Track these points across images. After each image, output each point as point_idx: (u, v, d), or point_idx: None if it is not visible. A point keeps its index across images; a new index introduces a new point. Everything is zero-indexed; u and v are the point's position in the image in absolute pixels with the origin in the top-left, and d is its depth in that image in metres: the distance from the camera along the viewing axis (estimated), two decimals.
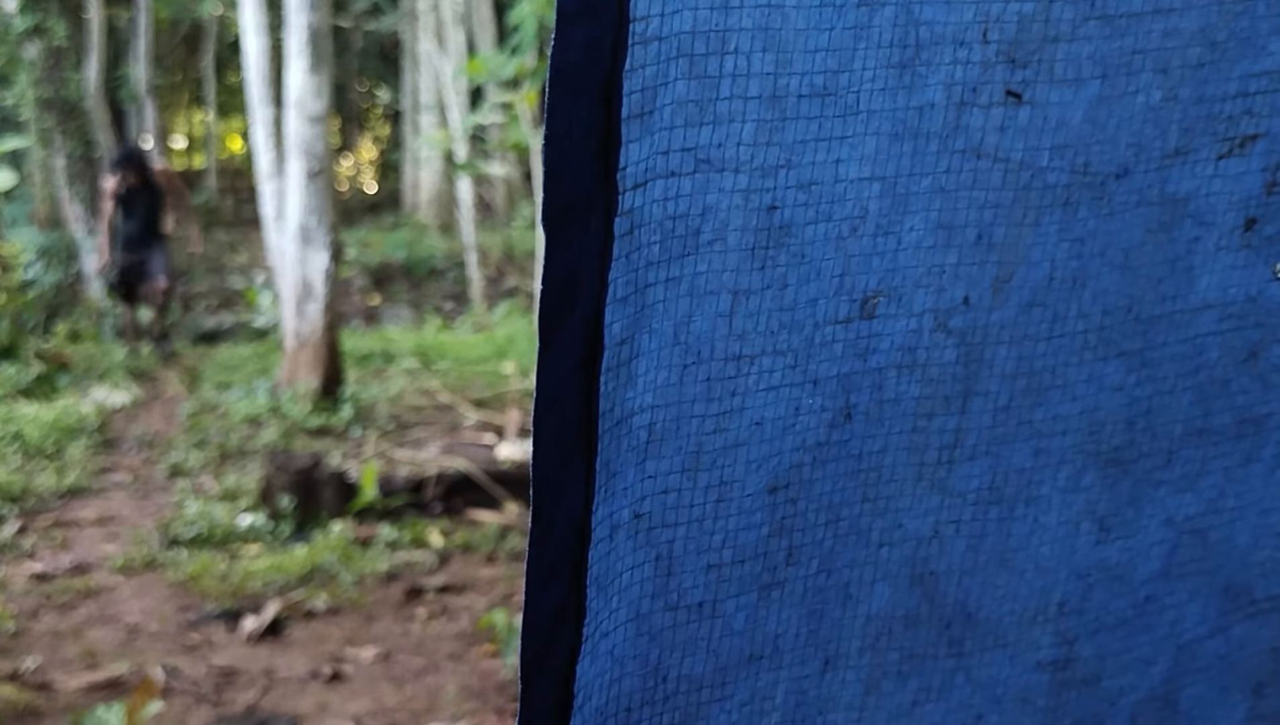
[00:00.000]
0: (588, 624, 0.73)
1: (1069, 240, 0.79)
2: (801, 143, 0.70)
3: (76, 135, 11.25)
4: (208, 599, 4.55)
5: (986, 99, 0.74)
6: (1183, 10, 0.76)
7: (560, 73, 0.62)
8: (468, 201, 12.15)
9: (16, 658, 3.99)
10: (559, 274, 0.65)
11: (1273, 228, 0.85)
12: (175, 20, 18.79)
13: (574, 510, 0.70)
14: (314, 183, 7.21)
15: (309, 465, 5.37)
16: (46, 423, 6.66)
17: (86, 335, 9.36)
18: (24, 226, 10.99)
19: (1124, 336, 0.84)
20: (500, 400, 7.64)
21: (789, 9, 0.67)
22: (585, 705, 0.75)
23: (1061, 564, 0.90)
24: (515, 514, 5.39)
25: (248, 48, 8.91)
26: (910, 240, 0.75)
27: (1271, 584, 0.99)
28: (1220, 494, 0.94)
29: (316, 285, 7.31)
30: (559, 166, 0.64)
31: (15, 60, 10.89)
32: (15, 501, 5.60)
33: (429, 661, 4.06)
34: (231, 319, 10.86)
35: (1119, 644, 0.95)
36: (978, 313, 0.79)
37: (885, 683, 0.88)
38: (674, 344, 0.71)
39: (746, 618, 0.80)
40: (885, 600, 0.85)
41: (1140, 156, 0.79)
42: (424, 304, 12.32)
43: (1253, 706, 1.04)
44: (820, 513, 0.80)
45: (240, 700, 3.76)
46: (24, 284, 9.68)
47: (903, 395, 0.80)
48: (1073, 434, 0.86)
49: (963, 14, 0.71)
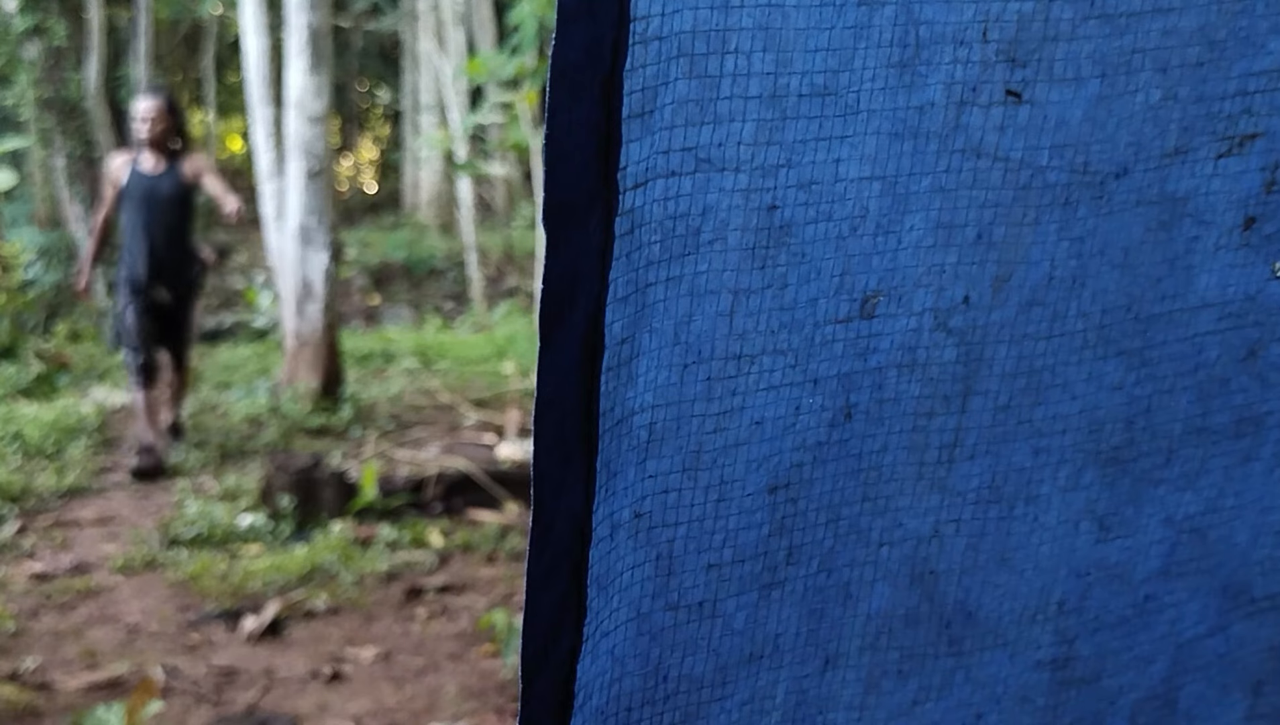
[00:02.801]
0: (588, 623, 0.73)
1: (1068, 239, 0.79)
2: (802, 142, 0.70)
3: (76, 135, 11.25)
4: (208, 599, 4.55)
5: (986, 98, 0.74)
6: (1182, 9, 0.76)
7: (561, 72, 0.62)
8: (468, 201, 12.14)
9: (16, 658, 3.99)
10: (559, 273, 0.65)
11: (1272, 226, 0.86)
12: (175, 20, 18.77)
13: (574, 509, 0.70)
14: (314, 183, 7.21)
15: (309, 465, 5.37)
16: (46, 423, 6.66)
17: (86, 335, 9.36)
18: (24, 226, 10.98)
19: (1123, 335, 0.84)
20: (500, 400, 7.64)
21: (789, 8, 0.67)
22: (586, 704, 0.75)
23: (1061, 563, 0.90)
24: (515, 514, 5.39)
25: (248, 48, 8.92)
26: (910, 239, 0.75)
27: (1271, 582, 1.00)
28: (1219, 493, 0.94)
29: (316, 285, 7.31)
30: (559, 166, 0.64)
31: (15, 60, 10.89)
32: (15, 501, 5.60)
33: (429, 661, 4.06)
34: (231, 319, 10.86)
35: (1118, 643, 0.95)
36: (978, 312, 0.79)
37: (885, 682, 0.88)
38: (674, 343, 0.71)
39: (747, 617, 0.80)
40: (885, 599, 0.86)
41: (1140, 155, 0.79)
42: (424, 304, 12.32)
43: (1252, 705, 1.04)
44: (820, 512, 0.81)
45: (240, 700, 3.76)
46: (24, 284, 9.69)
47: (903, 394, 0.80)
48: (1072, 433, 0.86)
49: (963, 13, 0.71)
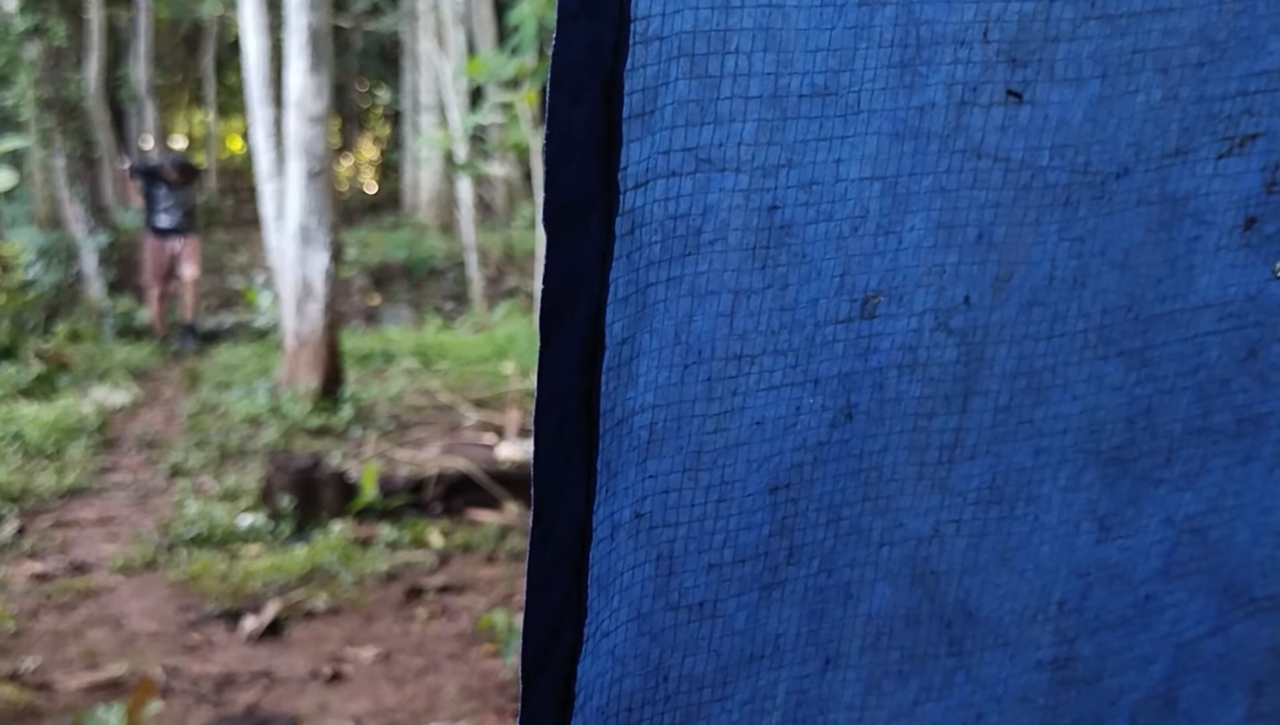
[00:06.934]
0: (589, 623, 0.73)
1: (1069, 239, 0.79)
2: (802, 142, 0.70)
3: (76, 135, 11.25)
4: (208, 599, 4.55)
5: (987, 98, 0.74)
6: (1182, 9, 0.76)
7: (561, 72, 0.62)
8: (468, 201, 12.14)
9: (16, 658, 3.99)
10: (560, 273, 0.65)
11: (1272, 226, 0.86)
12: (175, 20, 18.78)
13: (575, 510, 0.70)
14: (314, 183, 7.21)
15: (309, 465, 5.37)
16: (46, 423, 6.66)
17: (86, 335, 9.36)
18: (24, 226, 10.98)
19: (1124, 335, 0.84)
20: (500, 400, 7.64)
21: (790, 8, 0.67)
22: (586, 705, 0.75)
23: (1061, 563, 0.90)
24: (515, 514, 5.39)
25: (248, 48, 8.91)
26: (911, 240, 0.75)
27: (1271, 583, 0.99)
28: (1220, 493, 0.94)
29: (316, 285, 7.31)
30: (560, 166, 0.64)
31: (15, 60, 10.89)
32: (15, 501, 5.60)
33: (429, 661, 4.06)
34: (231, 319, 10.86)
35: (1119, 643, 0.95)
36: (978, 312, 0.79)
37: (886, 682, 0.88)
38: (675, 343, 0.71)
39: (747, 617, 0.80)
40: (886, 599, 0.85)
41: (1140, 156, 0.79)
42: (424, 304, 12.31)
43: (1252, 705, 1.04)
44: (821, 512, 0.80)
45: (240, 700, 3.76)
46: (24, 284, 9.68)
47: (903, 395, 0.80)
48: (1073, 433, 0.86)
49: (963, 13, 0.71)
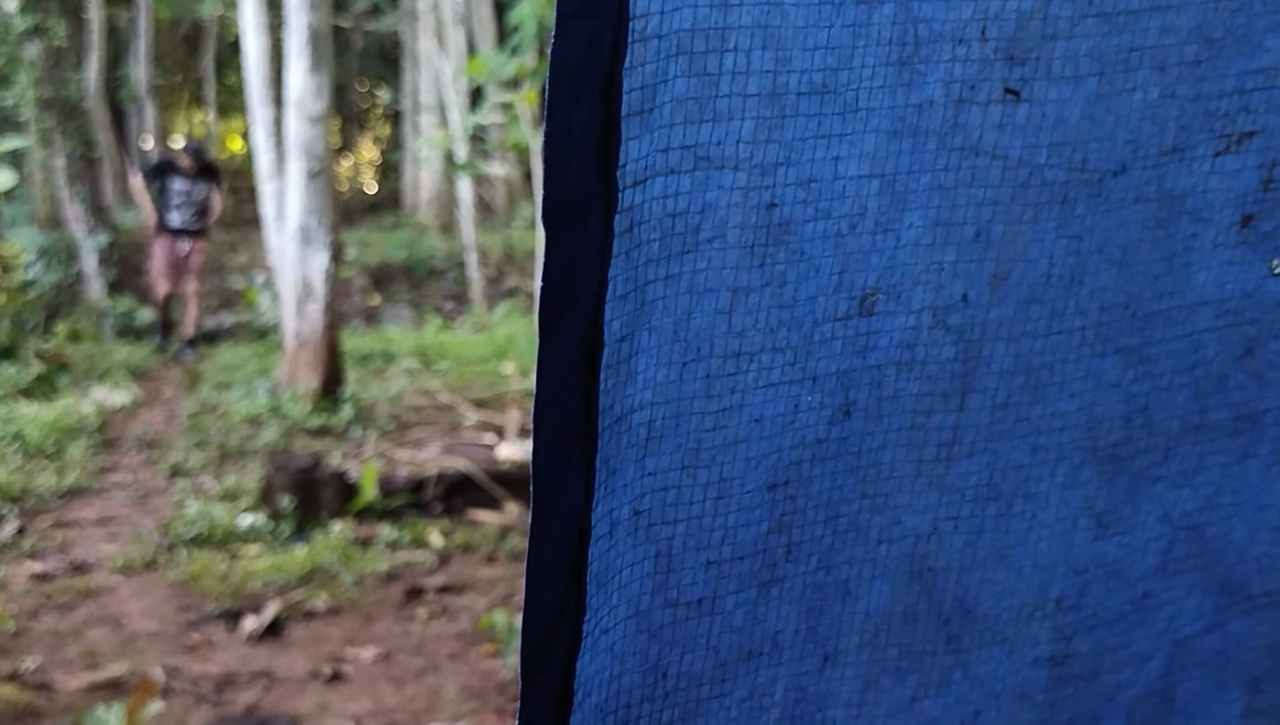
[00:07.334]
0: (588, 621, 0.73)
1: (1067, 237, 0.80)
2: (801, 140, 0.70)
3: (76, 135, 11.25)
4: (208, 599, 4.55)
5: (985, 96, 0.74)
6: (1180, 7, 0.76)
7: (560, 71, 0.62)
8: (468, 201, 12.14)
9: (16, 658, 3.99)
10: (559, 272, 0.65)
11: (1269, 224, 0.86)
12: (175, 20, 18.78)
13: (574, 507, 0.70)
14: (314, 183, 7.21)
15: (309, 465, 5.37)
16: (46, 423, 6.65)
17: (86, 335, 9.36)
18: (24, 226, 10.97)
19: (1121, 333, 0.85)
20: (500, 400, 7.64)
21: (788, 7, 0.67)
22: (585, 702, 0.75)
23: (1059, 560, 0.90)
24: (515, 514, 5.39)
25: (248, 48, 8.92)
26: (909, 237, 0.76)
27: (1268, 579, 1.00)
28: (1217, 490, 0.94)
29: (316, 285, 7.31)
30: (559, 164, 0.64)
31: (15, 60, 10.88)
32: (15, 501, 5.60)
33: (429, 661, 4.06)
34: (231, 319, 10.85)
35: (1116, 640, 0.95)
36: (976, 310, 0.80)
37: (884, 679, 0.88)
38: (674, 341, 0.72)
39: (746, 614, 0.81)
40: (884, 597, 0.86)
41: (1138, 153, 0.79)
42: (424, 304, 12.31)
43: (1249, 702, 1.04)
44: (819, 509, 0.81)
45: (240, 700, 3.76)
46: (24, 284, 9.68)
47: (901, 392, 0.80)
48: (1070, 430, 0.86)
49: (961, 11, 0.71)
